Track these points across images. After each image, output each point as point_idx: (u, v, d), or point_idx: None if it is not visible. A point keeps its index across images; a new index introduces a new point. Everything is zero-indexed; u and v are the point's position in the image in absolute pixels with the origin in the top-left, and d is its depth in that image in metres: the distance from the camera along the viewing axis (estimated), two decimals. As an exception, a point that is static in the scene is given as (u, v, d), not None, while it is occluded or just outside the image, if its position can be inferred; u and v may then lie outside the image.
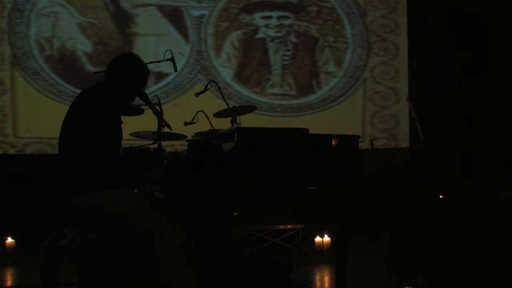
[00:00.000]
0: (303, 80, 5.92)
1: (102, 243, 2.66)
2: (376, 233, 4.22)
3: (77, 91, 5.22)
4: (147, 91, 3.02)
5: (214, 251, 2.63)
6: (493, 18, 5.74)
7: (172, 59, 3.75)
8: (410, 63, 6.05)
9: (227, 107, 3.83)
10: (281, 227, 4.57)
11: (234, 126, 3.79)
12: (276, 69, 5.86)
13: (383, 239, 3.92)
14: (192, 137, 3.41)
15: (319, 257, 4.40)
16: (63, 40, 5.45)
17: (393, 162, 5.57)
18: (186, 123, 3.64)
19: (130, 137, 3.97)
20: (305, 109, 5.88)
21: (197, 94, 3.79)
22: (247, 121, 4.05)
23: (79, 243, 2.64)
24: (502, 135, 5.52)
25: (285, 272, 3.40)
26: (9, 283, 3.97)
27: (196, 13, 5.72)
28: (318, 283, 3.83)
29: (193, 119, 3.64)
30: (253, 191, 2.60)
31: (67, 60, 5.46)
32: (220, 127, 3.52)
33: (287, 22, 5.91)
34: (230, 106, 3.89)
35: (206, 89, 3.76)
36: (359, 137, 3.03)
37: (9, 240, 4.50)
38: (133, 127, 3.99)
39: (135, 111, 3.89)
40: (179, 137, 4.02)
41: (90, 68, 5.40)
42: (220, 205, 2.59)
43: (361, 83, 6.02)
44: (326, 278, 3.94)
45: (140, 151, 3.66)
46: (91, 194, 2.56)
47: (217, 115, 3.97)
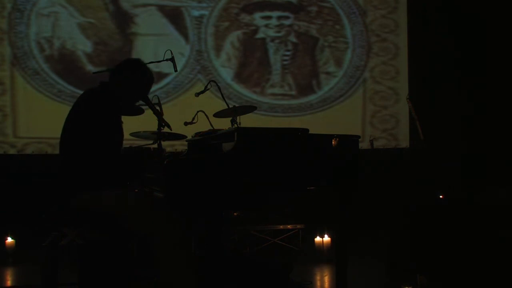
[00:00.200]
0: (303, 80, 5.92)
1: (102, 243, 2.65)
2: (376, 233, 4.22)
3: (77, 91, 5.24)
4: (147, 92, 3.02)
5: (214, 251, 2.63)
6: (493, 18, 5.74)
7: (172, 59, 3.75)
8: (410, 63, 6.05)
9: (227, 107, 3.83)
10: (281, 227, 4.57)
11: (234, 126, 3.79)
12: (276, 69, 5.86)
13: (383, 239, 3.92)
14: (192, 137, 3.41)
15: (319, 257, 4.40)
16: (63, 40, 5.45)
17: (393, 162, 5.57)
18: (186, 123, 3.64)
19: (130, 137, 3.97)
20: (305, 109, 5.88)
21: (197, 94, 3.79)
22: (247, 121, 4.05)
23: (79, 243, 2.63)
24: (502, 135, 5.52)
25: (285, 272, 3.40)
26: (9, 283, 3.97)
27: (196, 13, 5.73)
28: (318, 283, 3.83)
29: (193, 119, 3.64)
30: (253, 191, 2.60)
31: (67, 60, 5.46)
32: (220, 127, 3.52)
33: (287, 22, 5.91)
34: (230, 106, 3.89)
35: (206, 89, 3.76)
36: (359, 137, 3.03)
37: (9, 240, 4.49)
38: (133, 127, 3.99)
39: (135, 111, 3.89)
40: (179, 137, 4.02)
41: (90, 68, 5.40)
42: (220, 205, 2.59)
43: (361, 83, 6.02)
44: (326, 278, 3.93)
45: (140, 151, 3.66)
46: (91, 194, 2.56)
47: (217, 115, 3.97)
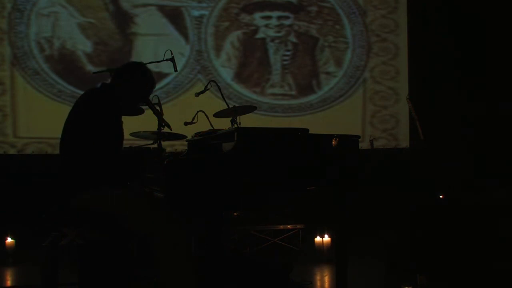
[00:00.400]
0: (303, 80, 5.92)
1: (102, 243, 2.65)
2: (376, 233, 4.22)
3: (77, 91, 5.24)
4: (147, 91, 3.02)
5: (214, 251, 2.63)
6: (493, 18, 5.74)
7: (172, 59, 3.75)
8: (410, 63, 6.05)
9: (227, 107, 3.83)
10: (281, 227, 4.57)
11: (234, 126, 3.79)
12: (276, 69, 5.86)
13: (383, 239, 3.92)
14: (192, 137, 3.41)
15: (319, 257, 4.40)
16: (63, 40, 5.45)
17: (393, 162, 5.57)
18: (186, 123, 3.64)
19: (130, 137, 3.97)
20: (305, 109, 5.88)
21: (197, 94, 3.79)
22: (247, 121, 4.05)
23: (79, 243, 2.63)
24: (502, 135, 5.53)
25: (285, 272, 3.40)
26: (9, 283, 3.97)
27: (196, 13, 5.73)
28: (318, 283, 3.83)
29: (193, 119, 3.65)
30: (253, 191, 2.60)
31: (67, 60, 5.46)
32: (220, 127, 3.52)
33: (287, 22, 5.91)
34: (230, 106, 3.89)
35: (206, 89, 3.76)
36: (359, 137, 3.03)
37: (9, 240, 4.49)
38: (133, 127, 4.00)
39: (135, 111, 3.88)
40: (179, 137, 4.02)
41: (90, 68, 5.40)
42: (220, 205, 2.59)
43: (361, 83, 6.02)
44: (326, 278, 3.94)
45: (140, 151, 3.66)
46: (91, 194, 2.56)
47: (217, 115, 3.97)
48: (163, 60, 3.79)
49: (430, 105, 5.70)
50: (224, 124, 3.84)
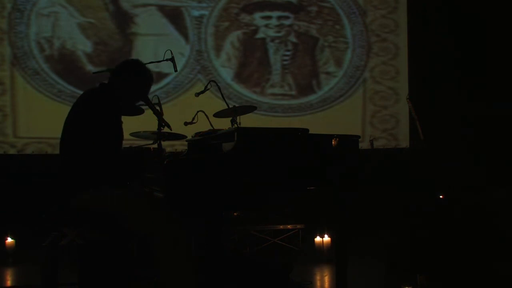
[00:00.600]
0: (303, 80, 5.92)
1: (102, 243, 2.65)
2: (376, 233, 4.22)
3: (77, 91, 5.24)
4: (147, 92, 3.02)
5: (214, 251, 2.63)
6: (493, 18, 5.74)
7: (172, 59, 3.75)
8: (410, 63, 6.05)
9: (227, 107, 3.83)
10: (281, 227, 4.57)
11: (234, 126, 3.79)
12: (276, 69, 5.86)
13: (383, 239, 3.92)
14: (192, 137, 3.41)
15: (319, 257, 4.40)
16: (63, 40, 5.45)
17: (393, 162, 5.57)
18: (186, 123, 3.64)
19: (130, 137, 3.97)
20: (305, 109, 5.88)
21: (197, 94, 3.79)
22: (247, 121, 4.05)
23: (79, 243, 2.64)
24: (502, 135, 5.52)
25: (285, 272, 3.40)
26: (9, 283, 3.97)
27: (196, 13, 5.73)
28: (318, 283, 3.83)
29: (193, 119, 3.65)
30: (253, 191, 2.60)
31: (67, 60, 5.46)
32: (220, 127, 3.52)
33: (287, 22, 5.91)
34: (230, 106, 3.89)
35: (206, 89, 3.76)
36: (359, 137, 3.03)
37: (9, 240, 4.50)
38: (133, 127, 4.00)
39: (135, 111, 3.89)
40: (179, 137, 4.02)
41: (90, 68, 5.40)
42: (220, 205, 2.59)
43: (361, 83, 6.02)
44: (326, 278, 3.94)
45: (140, 151, 3.66)
46: (91, 194, 2.56)
47: (217, 115, 3.97)
48: (163, 60, 3.79)
49: (430, 105, 5.70)
50: (224, 124, 3.84)
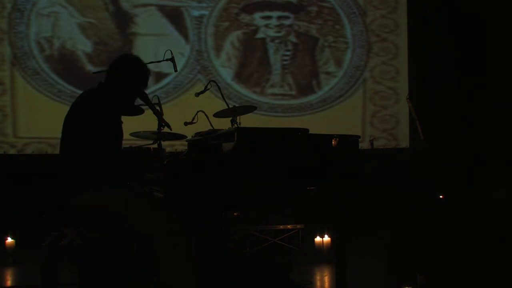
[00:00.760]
0: (303, 80, 5.92)
1: (102, 243, 2.65)
2: (376, 233, 4.22)
3: (77, 91, 5.23)
4: (147, 91, 3.02)
5: (214, 251, 2.63)
6: (493, 18, 5.74)
7: (172, 59, 3.75)
8: (410, 63, 6.05)
9: (227, 107, 3.83)
10: (281, 227, 4.57)
11: (234, 126, 3.79)
12: (276, 69, 5.86)
13: (383, 239, 3.91)
14: (192, 137, 3.41)
15: (319, 257, 4.40)
16: (63, 40, 5.45)
17: (393, 162, 5.57)
18: (186, 123, 3.64)
19: (130, 137, 3.97)
20: (305, 109, 5.88)
21: (197, 94, 3.79)
22: (247, 121, 4.05)
23: (79, 243, 2.63)
24: (502, 135, 5.52)
25: (285, 272, 3.40)
26: (9, 283, 3.97)
27: (196, 13, 5.73)
28: (318, 283, 3.83)
29: (193, 119, 3.65)
30: (253, 191, 2.60)
31: (67, 60, 5.46)
32: (220, 127, 3.52)
33: (287, 22, 5.91)
34: (230, 106, 3.89)
35: (206, 89, 3.76)
36: (359, 137, 3.03)
37: (9, 240, 4.50)
38: (133, 127, 3.99)
39: (135, 111, 3.89)
40: (179, 137, 4.02)
41: (90, 68, 5.40)
42: (220, 205, 2.59)
43: (361, 83, 6.02)
44: (326, 278, 3.94)
45: (140, 151, 3.66)
46: (91, 194, 2.56)
47: (217, 115, 3.97)
48: (163, 60, 3.79)
49: (430, 105, 5.70)
50: (224, 124, 3.84)
